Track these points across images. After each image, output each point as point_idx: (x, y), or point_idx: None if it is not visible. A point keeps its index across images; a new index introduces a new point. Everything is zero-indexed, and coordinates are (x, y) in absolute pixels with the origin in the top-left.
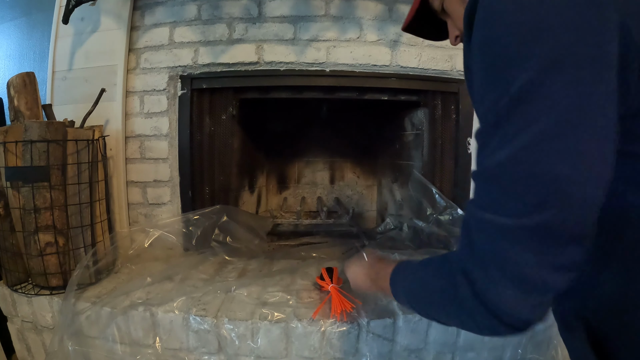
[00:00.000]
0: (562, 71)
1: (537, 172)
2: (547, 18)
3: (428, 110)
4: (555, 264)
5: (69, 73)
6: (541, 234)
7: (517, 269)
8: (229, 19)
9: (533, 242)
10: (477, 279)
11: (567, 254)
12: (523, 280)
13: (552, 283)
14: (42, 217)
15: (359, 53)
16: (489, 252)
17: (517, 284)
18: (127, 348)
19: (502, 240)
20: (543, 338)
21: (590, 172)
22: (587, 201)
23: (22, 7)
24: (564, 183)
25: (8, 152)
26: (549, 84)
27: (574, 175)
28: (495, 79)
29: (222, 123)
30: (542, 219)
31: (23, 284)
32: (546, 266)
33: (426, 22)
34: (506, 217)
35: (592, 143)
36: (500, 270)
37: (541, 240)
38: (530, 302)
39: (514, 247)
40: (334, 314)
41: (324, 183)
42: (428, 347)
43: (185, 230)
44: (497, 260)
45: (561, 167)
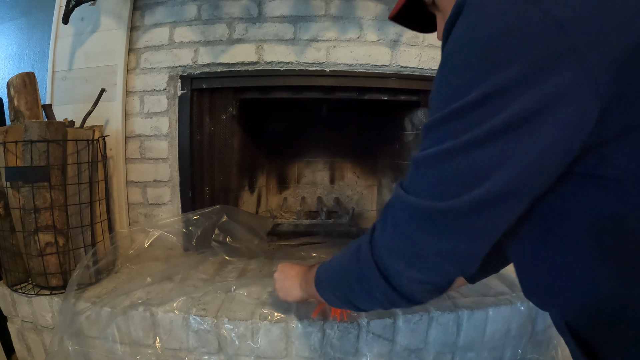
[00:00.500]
0: (504, 99)
1: (459, 171)
2: (506, 47)
3: (428, 111)
4: (447, 252)
5: (69, 73)
6: (445, 219)
7: (412, 245)
8: (229, 19)
9: (435, 226)
10: (376, 245)
11: (462, 245)
12: (414, 256)
13: (440, 268)
14: (42, 217)
15: (359, 53)
16: (394, 223)
17: (408, 257)
18: (127, 348)
19: (409, 216)
20: (543, 338)
21: (503, 180)
22: (491, 204)
23: (22, 7)
24: (477, 185)
25: (8, 152)
26: (490, 107)
27: (487, 180)
28: (451, 87)
29: (222, 123)
30: (450, 206)
31: (23, 284)
32: (439, 251)
33: (414, 13)
34: (422, 198)
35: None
36: (397, 242)
37: (443, 226)
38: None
39: (416, 225)
40: (334, 314)
41: (324, 183)
42: (428, 347)
43: (185, 230)
44: (398, 233)
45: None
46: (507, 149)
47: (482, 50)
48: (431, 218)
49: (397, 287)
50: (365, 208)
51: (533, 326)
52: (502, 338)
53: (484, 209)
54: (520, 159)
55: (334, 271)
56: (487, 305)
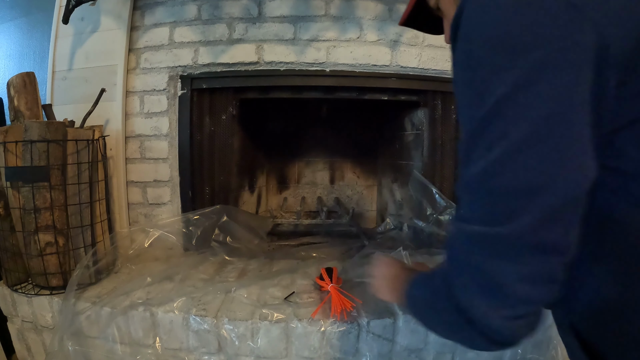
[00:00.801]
0: (533, 86)
1: (511, 183)
2: (521, 34)
3: (428, 110)
4: (528, 274)
5: (69, 73)
6: (514, 242)
7: (489, 278)
8: (229, 19)
9: (506, 251)
10: (453, 287)
11: (541, 264)
12: (494, 289)
13: (525, 295)
14: (42, 217)
15: (359, 53)
16: (463, 259)
17: (488, 293)
18: (127, 348)
19: (476, 247)
20: (543, 338)
21: (564, 181)
22: (560, 211)
23: (22, 7)
24: (537, 193)
25: (8, 152)
26: (522, 99)
27: (547, 185)
28: (473, 93)
29: (222, 123)
30: (515, 228)
31: (23, 284)
32: (519, 277)
33: (424, 16)
34: (481, 225)
35: (564, 154)
36: (472, 278)
37: (514, 250)
38: (502, 313)
39: (486, 255)
40: (334, 313)
41: (324, 183)
42: (428, 347)
43: (185, 230)
44: (470, 268)
45: (534, 178)
46: (555, 141)
47: (499, 42)
48: (501, 244)
49: (487, 331)
50: (365, 208)
51: None
52: None
53: (551, 220)
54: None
55: (419, 305)
56: None
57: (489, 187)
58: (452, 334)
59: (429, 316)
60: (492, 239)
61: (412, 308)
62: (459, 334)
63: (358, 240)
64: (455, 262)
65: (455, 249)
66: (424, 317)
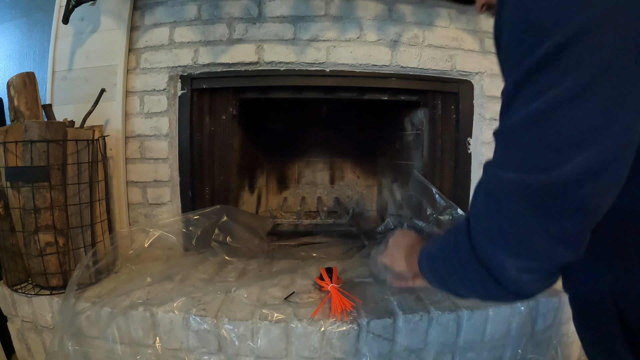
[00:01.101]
0: (596, 34)
1: (558, 132)
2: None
3: (428, 110)
4: (558, 231)
5: (69, 73)
6: (551, 193)
7: (517, 228)
8: (229, 19)
9: (540, 202)
10: (475, 230)
11: (572, 222)
12: (520, 240)
13: (551, 251)
14: (42, 217)
15: (359, 53)
16: (493, 204)
17: (513, 243)
18: (127, 348)
19: (509, 194)
20: (543, 338)
21: (614, 138)
22: (603, 170)
23: (22, 7)
24: (584, 146)
25: (8, 152)
26: (581, 47)
27: (595, 139)
28: (524, 38)
29: (222, 123)
30: (555, 178)
31: (23, 284)
32: (549, 231)
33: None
34: (518, 172)
35: (617, 109)
36: (499, 226)
37: (549, 201)
38: (522, 265)
39: (519, 201)
40: (334, 313)
41: (324, 183)
42: (428, 347)
43: (185, 230)
44: (498, 215)
45: (583, 129)
46: (611, 94)
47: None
48: (535, 193)
49: (503, 280)
50: (365, 208)
51: (533, 326)
52: (502, 338)
53: (595, 176)
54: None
55: (435, 259)
56: (487, 305)
57: (533, 134)
58: (470, 288)
59: (447, 272)
60: (527, 187)
61: (428, 268)
62: (477, 286)
63: (358, 240)
64: (480, 206)
65: (483, 194)
66: (442, 274)
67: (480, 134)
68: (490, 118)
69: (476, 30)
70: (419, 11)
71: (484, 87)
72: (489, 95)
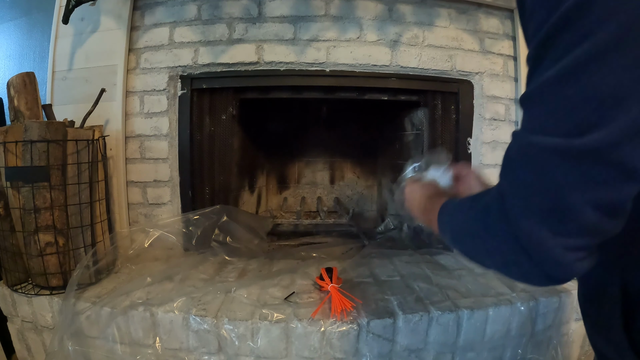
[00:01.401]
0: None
1: (592, 89)
2: None
3: (428, 110)
4: (599, 199)
5: (69, 73)
6: (591, 157)
7: (556, 198)
8: (229, 19)
9: (579, 168)
10: (511, 206)
11: (614, 189)
12: (561, 212)
13: (593, 223)
14: (42, 217)
15: (359, 53)
16: (529, 175)
17: (553, 216)
18: (127, 348)
19: (543, 162)
20: (543, 338)
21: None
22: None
23: (22, 7)
24: (622, 103)
25: (8, 152)
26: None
27: (635, 95)
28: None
29: (222, 123)
30: (593, 141)
31: (23, 284)
32: (590, 200)
33: None
34: (554, 137)
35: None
36: (535, 198)
37: (589, 167)
38: (563, 242)
39: (559, 169)
40: (334, 313)
41: (324, 183)
42: (428, 347)
43: (185, 230)
44: (533, 186)
45: (619, 85)
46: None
47: None
48: (575, 159)
49: (542, 261)
50: (365, 208)
51: (533, 326)
52: (502, 338)
53: (637, 138)
54: None
55: (459, 226)
56: (487, 305)
57: (565, 94)
58: (500, 264)
59: (473, 246)
60: (564, 152)
61: (449, 232)
62: (508, 263)
63: (358, 240)
64: (515, 178)
65: (516, 164)
66: (467, 246)
67: (480, 134)
68: (490, 118)
69: (476, 30)
70: (419, 11)
71: (484, 87)
72: (489, 95)
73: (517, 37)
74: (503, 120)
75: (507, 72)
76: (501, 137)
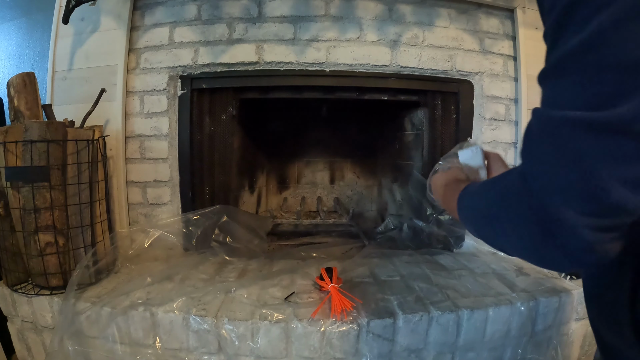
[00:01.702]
0: None
1: (617, 57)
2: None
3: (428, 110)
4: (633, 177)
5: (69, 73)
6: (621, 130)
7: (585, 177)
8: (229, 19)
9: (609, 143)
10: (533, 185)
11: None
12: (591, 191)
13: (625, 201)
14: (42, 217)
15: (359, 53)
16: (551, 151)
17: (582, 196)
18: (127, 348)
19: (569, 137)
20: (543, 338)
21: None
22: None
23: (22, 7)
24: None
25: (8, 152)
26: None
27: None
28: None
29: (222, 123)
30: (623, 112)
31: (23, 284)
32: (622, 177)
33: None
34: (578, 110)
35: None
36: (563, 177)
37: (620, 141)
38: (594, 222)
39: (583, 143)
40: (334, 313)
41: (324, 183)
42: (428, 347)
43: (185, 230)
44: (559, 164)
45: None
46: None
47: None
48: (605, 133)
49: (568, 243)
50: (365, 208)
51: (533, 326)
52: (502, 338)
53: None
54: None
55: (479, 210)
56: (487, 305)
57: (585, 65)
58: (522, 248)
59: (492, 226)
60: (588, 125)
61: (470, 217)
62: (531, 247)
63: (358, 240)
64: (536, 155)
65: (536, 141)
66: (485, 226)
67: (480, 134)
68: (490, 118)
69: (476, 30)
70: (419, 11)
71: (484, 87)
72: (489, 95)
73: (517, 37)
74: (503, 120)
75: (507, 72)
76: (501, 137)
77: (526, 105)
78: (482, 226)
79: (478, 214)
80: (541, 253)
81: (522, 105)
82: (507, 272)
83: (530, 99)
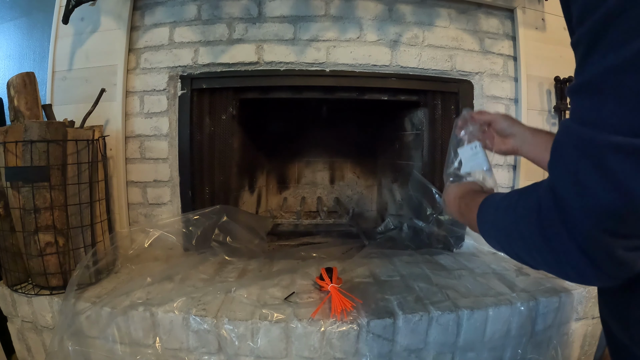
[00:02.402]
0: None
1: None
2: None
3: (428, 110)
4: None
5: (69, 73)
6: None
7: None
8: (229, 19)
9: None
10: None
11: None
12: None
13: None
14: (42, 217)
15: (359, 53)
16: (594, 174)
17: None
18: (127, 348)
19: (611, 160)
20: (543, 338)
21: None
22: None
23: (22, 7)
24: None
25: (8, 152)
26: None
27: None
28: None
29: (222, 123)
30: None
31: (23, 284)
32: None
33: None
34: (617, 133)
35: None
36: (601, 197)
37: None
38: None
39: (624, 169)
40: (334, 313)
41: (324, 183)
42: (428, 347)
43: (185, 230)
44: (606, 184)
45: None
46: None
47: None
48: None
49: (603, 262)
50: (365, 208)
51: (533, 326)
52: (502, 338)
53: None
54: None
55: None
56: (487, 305)
57: (629, 84)
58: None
59: (521, 243)
60: (631, 152)
61: (493, 232)
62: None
63: (358, 240)
64: (577, 177)
65: (579, 162)
66: (512, 243)
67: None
68: None
69: (476, 30)
70: (419, 11)
71: (484, 87)
72: (489, 95)
73: (517, 37)
74: None
75: (507, 72)
76: None
77: (526, 105)
78: (508, 242)
79: (502, 231)
80: (576, 271)
81: (522, 105)
82: (507, 272)
83: (530, 99)
